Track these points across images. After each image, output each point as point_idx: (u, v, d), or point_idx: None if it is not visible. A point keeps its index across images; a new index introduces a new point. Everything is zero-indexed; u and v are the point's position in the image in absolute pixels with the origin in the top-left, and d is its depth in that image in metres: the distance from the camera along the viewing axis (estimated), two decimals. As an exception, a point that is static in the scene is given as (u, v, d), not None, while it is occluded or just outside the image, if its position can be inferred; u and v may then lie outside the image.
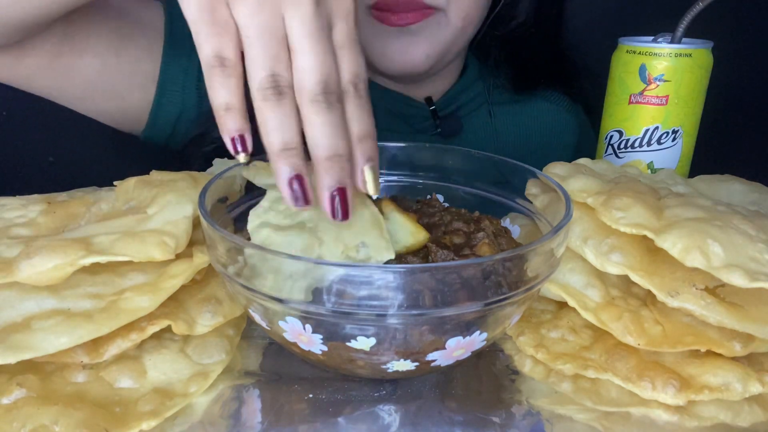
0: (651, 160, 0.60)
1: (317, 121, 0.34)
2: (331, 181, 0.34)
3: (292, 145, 0.34)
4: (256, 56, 0.34)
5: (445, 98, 0.78)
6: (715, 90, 0.60)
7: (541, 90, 0.82)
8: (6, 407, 0.35)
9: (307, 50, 0.34)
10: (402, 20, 0.65)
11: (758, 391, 0.39)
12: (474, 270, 0.34)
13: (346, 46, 0.36)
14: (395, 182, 0.51)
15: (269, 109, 0.34)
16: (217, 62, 0.34)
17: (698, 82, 0.58)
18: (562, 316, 0.45)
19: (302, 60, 0.34)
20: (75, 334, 0.35)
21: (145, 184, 0.45)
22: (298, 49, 0.34)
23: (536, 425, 0.37)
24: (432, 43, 0.68)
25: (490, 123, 0.80)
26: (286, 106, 0.34)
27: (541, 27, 0.79)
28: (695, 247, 0.38)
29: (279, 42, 0.34)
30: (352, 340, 0.34)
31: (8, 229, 0.43)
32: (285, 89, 0.34)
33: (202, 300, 0.42)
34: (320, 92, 0.34)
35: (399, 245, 0.39)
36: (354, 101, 0.36)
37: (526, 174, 0.46)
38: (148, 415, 0.36)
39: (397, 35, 0.67)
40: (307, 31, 0.34)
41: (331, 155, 0.34)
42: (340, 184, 0.34)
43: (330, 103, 0.34)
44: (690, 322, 0.40)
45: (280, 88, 0.34)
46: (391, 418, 0.37)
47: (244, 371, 0.41)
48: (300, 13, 0.34)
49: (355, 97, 0.36)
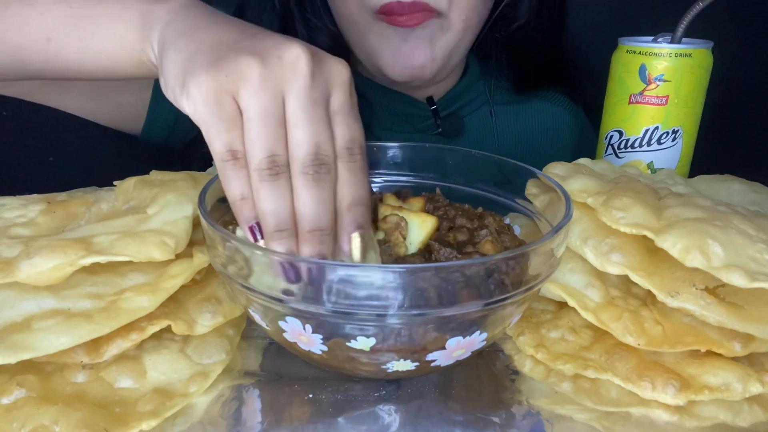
0: (651, 160, 0.60)
1: (303, 195, 0.35)
2: (310, 252, 0.35)
3: (284, 226, 0.35)
4: (256, 138, 0.35)
5: (446, 98, 0.78)
6: (715, 90, 0.60)
7: (541, 90, 0.83)
8: (6, 407, 0.35)
9: (301, 123, 0.35)
10: (410, 21, 0.66)
11: (758, 391, 0.39)
12: (474, 270, 0.34)
13: (342, 112, 0.37)
14: (395, 182, 0.51)
15: (265, 190, 0.35)
16: (230, 156, 0.35)
17: (698, 82, 0.58)
18: (562, 316, 0.45)
19: (295, 132, 0.35)
20: (75, 334, 0.35)
21: (145, 184, 0.45)
22: (292, 123, 0.36)
23: (536, 425, 0.37)
24: (435, 48, 0.68)
25: (491, 123, 0.80)
26: (281, 187, 0.35)
27: (542, 28, 0.79)
28: (695, 247, 0.38)
29: (277, 121, 0.35)
30: (352, 340, 0.34)
31: (8, 229, 0.43)
32: (281, 168, 0.35)
33: (202, 300, 0.42)
34: (310, 164, 0.35)
35: (413, 246, 0.40)
36: (347, 165, 0.37)
37: (526, 174, 0.46)
38: (148, 415, 0.36)
39: (404, 38, 0.67)
40: (301, 105, 0.35)
41: (312, 229, 0.35)
42: (319, 255, 0.35)
43: (318, 176, 0.35)
44: (690, 322, 0.40)
45: (277, 168, 0.35)
46: (391, 418, 0.37)
47: (244, 371, 0.41)
48: (296, 89, 0.35)
49: (349, 161, 0.37)
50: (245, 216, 0.36)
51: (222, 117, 0.35)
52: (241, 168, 0.36)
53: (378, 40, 0.68)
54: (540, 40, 0.80)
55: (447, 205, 0.47)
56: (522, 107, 0.82)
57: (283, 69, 0.35)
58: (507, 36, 0.78)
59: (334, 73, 0.37)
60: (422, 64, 0.68)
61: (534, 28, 0.78)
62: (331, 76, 0.37)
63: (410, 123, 0.77)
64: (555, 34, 0.81)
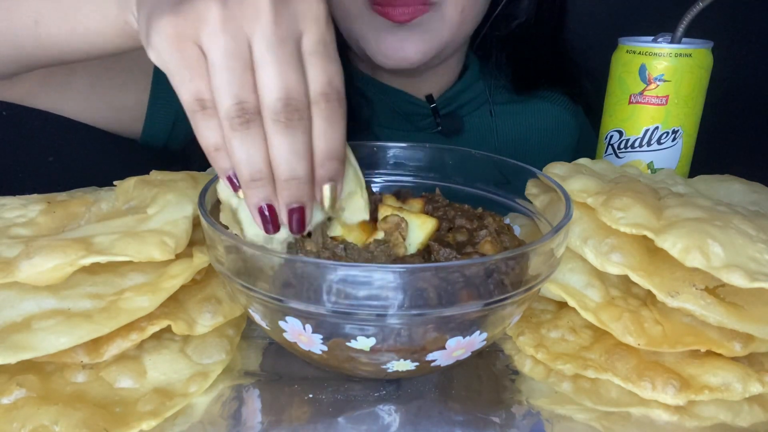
0: (651, 160, 0.60)
1: (276, 143, 0.34)
2: (288, 200, 0.35)
3: (259, 175, 0.34)
4: (221, 84, 0.33)
5: (445, 96, 0.78)
6: (715, 90, 0.60)
7: (541, 91, 0.83)
8: (6, 407, 0.35)
9: (267, 65, 0.33)
10: (402, 15, 0.65)
11: (758, 391, 0.39)
12: (474, 270, 0.34)
13: (317, 53, 0.34)
14: (395, 182, 0.51)
15: (236, 139, 0.33)
16: (198, 106, 0.34)
17: (698, 82, 0.58)
18: (562, 316, 0.45)
19: (262, 75, 0.33)
20: (75, 334, 0.35)
21: (145, 184, 0.45)
22: (258, 65, 0.33)
23: (536, 425, 0.37)
24: (427, 39, 0.67)
25: (491, 122, 0.80)
26: (252, 135, 0.34)
27: (542, 27, 0.79)
28: (695, 247, 0.38)
29: (243, 64, 0.33)
30: (352, 340, 0.34)
31: (8, 228, 0.43)
32: (252, 116, 0.33)
33: (202, 300, 0.42)
34: (280, 110, 0.33)
35: (412, 246, 0.40)
36: (323, 114, 0.35)
37: (526, 174, 0.46)
38: (148, 415, 0.36)
39: (394, 30, 0.66)
40: (267, 45, 0.33)
41: (287, 178, 0.34)
42: (297, 203, 0.35)
43: (290, 122, 0.33)
44: (690, 322, 0.40)
45: (246, 116, 0.33)
46: (391, 418, 0.37)
47: (244, 371, 0.41)
48: (260, 26, 0.33)
49: (325, 109, 0.35)
50: (221, 166, 0.35)
51: (185, 64, 0.33)
52: (211, 117, 0.34)
53: (368, 28, 0.67)
54: (540, 40, 0.80)
55: (447, 205, 0.47)
56: (522, 107, 0.82)
57: (243, 7, 0.33)
58: (507, 35, 0.78)
59: (304, 6, 0.34)
60: (411, 56, 0.67)
61: (534, 26, 0.78)
62: (300, 10, 0.34)
63: (410, 121, 0.77)
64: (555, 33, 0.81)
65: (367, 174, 0.51)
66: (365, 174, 0.41)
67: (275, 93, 0.33)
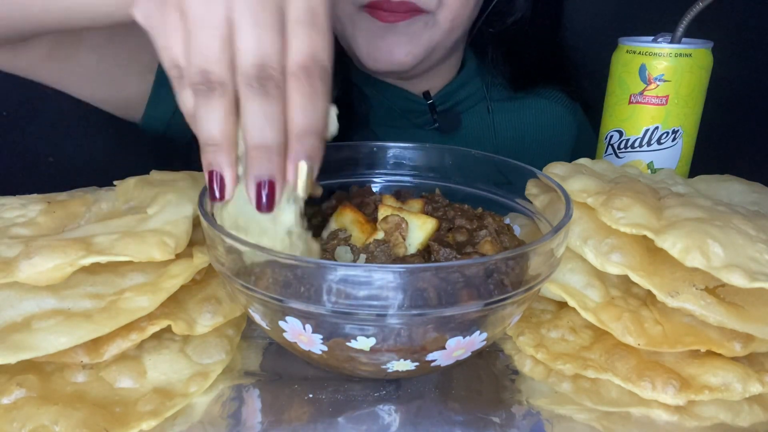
0: (651, 160, 0.60)
1: (248, 108, 0.32)
2: (256, 172, 0.33)
3: (213, 140, 0.33)
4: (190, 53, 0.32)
5: (443, 93, 0.78)
6: (715, 90, 0.60)
7: (539, 88, 0.82)
8: (6, 407, 0.35)
9: (244, 28, 0.31)
10: (392, 17, 0.65)
11: (758, 391, 0.39)
12: (474, 270, 0.34)
13: (302, 22, 0.32)
14: (395, 182, 0.51)
15: (197, 104, 0.32)
16: (176, 72, 0.33)
17: (698, 82, 0.58)
18: (562, 316, 0.45)
19: (240, 39, 0.32)
20: (75, 334, 0.35)
21: (145, 184, 0.46)
22: (237, 27, 0.32)
23: (536, 425, 0.37)
24: (416, 43, 0.68)
25: (489, 119, 0.80)
26: (214, 100, 0.32)
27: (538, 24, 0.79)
28: (695, 247, 0.38)
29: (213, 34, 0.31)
30: (352, 340, 0.34)
31: (8, 228, 0.43)
32: (216, 84, 0.32)
33: (202, 300, 0.42)
34: (254, 76, 0.32)
35: (412, 247, 0.40)
36: (301, 88, 0.32)
37: (526, 174, 0.46)
38: (148, 415, 0.36)
39: (383, 34, 0.67)
40: (247, 6, 0.31)
41: (257, 145, 0.32)
42: (267, 176, 0.33)
43: (264, 88, 0.31)
44: (690, 322, 0.40)
45: (209, 83, 0.32)
46: (391, 418, 0.37)
47: (244, 371, 0.41)
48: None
49: (305, 83, 0.32)
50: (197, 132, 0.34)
51: (166, 30, 0.32)
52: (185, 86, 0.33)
53: (358, 31, 0.68)
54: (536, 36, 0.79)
55: (446, 205, 0.47)
56: (519, 104, 0.82)
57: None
58: (503, 31, 0.78)
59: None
60: (401, 59, 0.67)
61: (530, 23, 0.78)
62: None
63: (407, 118, 0.77)
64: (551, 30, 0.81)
65: (367, 174, 0.51)
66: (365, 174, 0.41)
67: (249, 59, 0.32)
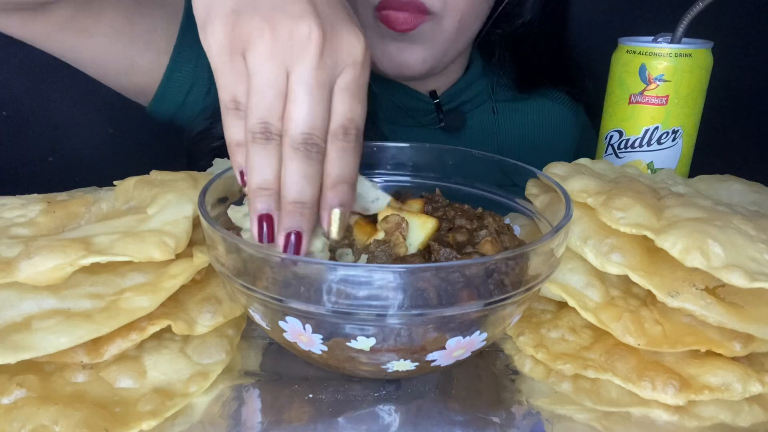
0: (651, 160, 0.60)
1: (291, 167, 0.36)
2: (288, 224, 0.36)
3: (267, 185, 0.36)
4: (254, 105, 0.36)
5: (449, 93, 0.78)
6: (715, 90, 0.60)
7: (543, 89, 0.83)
8: (6, 407, 0.35)
9: (300, 101, 0.35)
10: (403, 25, 0.67)
11: (758, 391, 0.39)
12: (474, 270, 0.34)
13: (347, 90, 0.37)
14: (395, 182, 0.51)
15: (254, 150, 0.36)
16: (233, 105, 0.37)
17: (698, 82, 0.58)
18: (562, 316, 0.45)
19: (292, 110, 0.36)
20: (75, 334, 0.35)
21: (145, 184, 0.45)
22: (291, 99, 0.36)
23: (536, 425, 0.37)
24: (428, 48, 0.69)
25: (493, 120, 0.80)
26: (270, 150, 0.36)
27: (545, 26, 0.79)
28: (695, 248, 0.38)
29: (277, 94, 0.36)
30: (352, 340, 0.34)
31: (8, 228, 0.43)
32: (273, 136, 0.36)
33: (202, 300, 0.42)
34: (301, 142, 0.35)
35: (413, 246, 0.40)
36: (339, 145, 0.37)
37: (526, 174, 0.46)
38: (148, 415, 0.36)
39: (397, 40, 0.68)
40: (304, 84, 0.35)
41: (294, 200, 0.36)
42: (297, 229, 0.36)
43: (308, 153, 0.35)
44: (690, 322, 0.40)
45: (268, 134, 0.36)
46: (391, 418, 0.37)
47: (244, 371, 0.41)
48: (302, 66, 0.35)
49: (342, 140, 0.37)
50: (237, 161, 0.37)
51: (231, 70, 0.36)
52: (241, 118, 0.37)
53: (374, 37, 0.69)
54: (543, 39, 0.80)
55: (446, 205, 0.47)
56: (524, 105, 0.82)
57: (291, 45, 0.35)
58: (510, 34, 0.78)
59: (346, 51, 0.36)
60: (414, 66, 0.70)
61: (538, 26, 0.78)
62: (342, 54, 0.36)
63: (413, 117, 0.77)
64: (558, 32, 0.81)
65: (367, 174, 0.51)
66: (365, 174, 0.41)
67: (300, 127, 0.35)
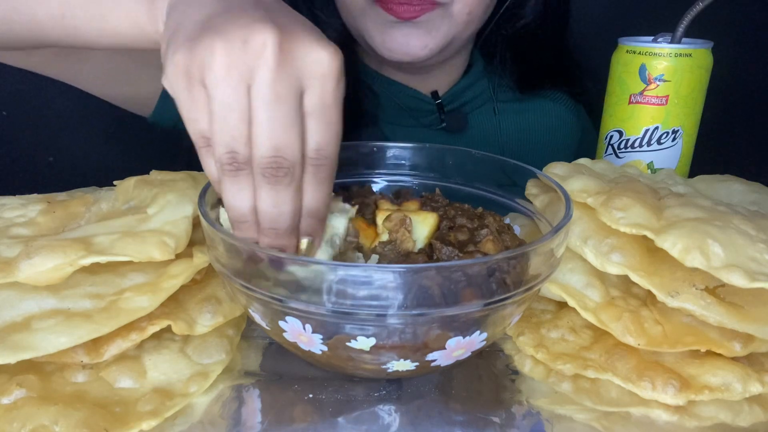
0: (651, 160, 0.60)
1: (260, 195, 0.35)
2: (267, 245, 0.36)
3: (243, 219, 0.35)
4: (217, 133, 0.34)
5: (450, 93, 0.78)
6: (715, 90, 0.60)
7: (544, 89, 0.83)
8: (6, 407, 0.35)
9: (261, 121, 0.33)
10: (406, 13, 0.66)
11: (758, 391, 0.39)
12: (476, 269, 0.33)
13: (315, 113, 0.34)
14: (395, 182, 0.51)
15: (226, 184, 0.35)
16: (203, 142, 0.35)
17: (698, 82, 0.58)
18: (562, 316, 0.45)
19: (255, 130, 0.33)
20: (75, 334, 0.35)
21: (145, 184, 0.45)
22: (253, 119, 0.33)
23: (536, 425, 0.37)
24: (433, 36, 0.68)
25: (495, 120, 0.80)
26: (241, 179, 0.34)
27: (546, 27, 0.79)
28: (695, 248, 0.38)
29: (240, 117, 0.33)
30: (352, 340, 0.34)
31: (8, 228, 0.43)
32: (242, 165, 0.34)
33: (202, 300, 0.42)
34: (267, 166, 0.34)
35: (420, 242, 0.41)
36: (311, 172, 0.35)
37: (526, 174, 0.46)
38: (148, 415, 0.36)
39: (399, 26, 0.67)
40: (263, 101, 0.33)
41: (268, 228, 0.35)
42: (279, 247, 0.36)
43: (276, 179, 0.34)
44: (690, 322, 0.40)
45: (236, 164, 0.34)
46: (391, 418, 0.37)
47: (244, 371, 0.41)
48: (258, 80, 0.33)
49: (313, 168, 0.35)
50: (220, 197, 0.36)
51: (192, 104, 0.34)
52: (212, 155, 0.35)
53: (372, 23, 0.68)
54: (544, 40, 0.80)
55: (447, 205, 0.47)
56: (525, 105, 0.82)
57: (246, 56, 0.32)
58: (512, 34, 0.78)
59: (310, 63, 0.33)
60: (416, 51, 0.67)
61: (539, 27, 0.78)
62: (305, 67, 0.33)
63: (415, 117, 0.77)
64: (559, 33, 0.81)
65: (367, 174, 0.51)
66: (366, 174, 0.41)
67: (264, 150, 0.33)
